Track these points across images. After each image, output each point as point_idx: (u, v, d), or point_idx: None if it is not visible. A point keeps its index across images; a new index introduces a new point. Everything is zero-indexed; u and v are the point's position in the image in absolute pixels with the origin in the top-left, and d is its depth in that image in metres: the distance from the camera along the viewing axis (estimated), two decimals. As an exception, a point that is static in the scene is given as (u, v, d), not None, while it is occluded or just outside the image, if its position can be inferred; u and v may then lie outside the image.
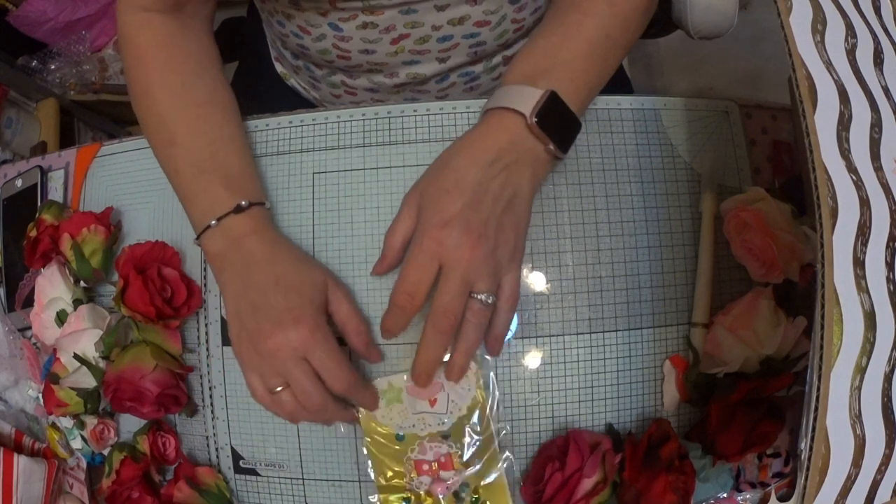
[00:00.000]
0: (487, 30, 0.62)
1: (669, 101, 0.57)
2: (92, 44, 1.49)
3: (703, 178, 0.55)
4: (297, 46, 0.66)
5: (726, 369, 0.50)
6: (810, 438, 0.33)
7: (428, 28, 0.61)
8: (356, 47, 0.62)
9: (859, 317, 0.34)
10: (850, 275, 0.34)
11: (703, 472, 0.50)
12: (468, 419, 0.51)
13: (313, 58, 0.67)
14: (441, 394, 0.51)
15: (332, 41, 0.62)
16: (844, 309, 0.33)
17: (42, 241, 0.59)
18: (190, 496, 0.54)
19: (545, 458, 0.50)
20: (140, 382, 0.52)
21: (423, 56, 0.64)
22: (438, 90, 0.69)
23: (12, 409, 0.63)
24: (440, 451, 0.51)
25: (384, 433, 0.52)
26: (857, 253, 0.34)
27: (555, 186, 0.54)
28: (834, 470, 0.33)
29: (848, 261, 0.34)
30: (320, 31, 0.61)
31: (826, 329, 0.33)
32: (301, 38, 0.64)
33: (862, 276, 0.34)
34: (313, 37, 0.63)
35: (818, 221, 0.33)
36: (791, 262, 0.51)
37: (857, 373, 0.34)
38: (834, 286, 0.33)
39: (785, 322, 0.50)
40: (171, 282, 0.55)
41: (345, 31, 0.61)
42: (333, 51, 0.64)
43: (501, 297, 0.48)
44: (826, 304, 0.33)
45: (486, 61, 0.68)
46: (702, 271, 0.53)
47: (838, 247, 0.33)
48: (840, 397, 0.33)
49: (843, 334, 0.33)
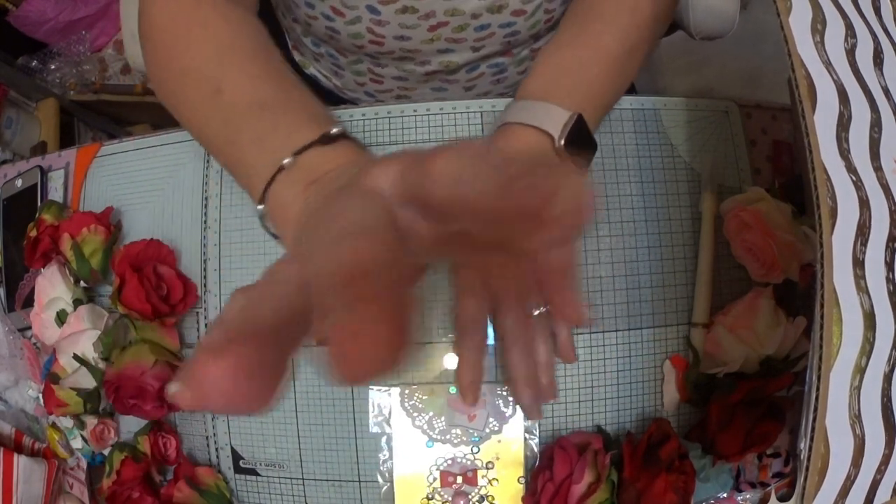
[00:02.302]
0: (523, 19, 0.61)
1: (669, 101, 0.57)
2: (92, 44, 1.49)
3: (703, 178, 0.55)
4: (325, 30, 0.63)
5: (726, 369, 0.50)
6: (810, 438, 0.33)
7: (468, 16, 0.60)
8: (392, 33, 0.61)
9: (859, 317, 0.34)
10: (849, 275, 0.34)
11: (703, 472, 0.50)
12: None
13: (342, 42, 0.64)
14: (481, 411, 0.52)
15: (366, 24, 0.60)
16: (844, 309, 0.33)
17: (42, 241, 0.59)
18: (190, 496, 0.54)
19: (537, 469, 0.50)
20: (141, 378, 0.52)
21: (458, 45, 0.63)
22: (467, 80, 0.69)
23: (12, 409, 0.63)
24: (467, 466, 0.52)
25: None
26: (856, 253, 0.34)
27: (555, 186, 0.54)
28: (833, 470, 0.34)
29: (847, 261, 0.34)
30: (356, 14, 0.59)
31: (825, 329, 0.33)
32: (332, 21, 0.61)
33: (861, 277, 0.34)
34: (347, 19, 0.60)
35: (818, 222, 0.33)
36: (791, 262, 0.51)
37: (857, 373, 0.34)
38: (833, 286, 0.33)
39: (785, 322, 0.50)
40: (167, 279, 0.55)
41: (382, 15, 0.59)
42: (367, 35, 0.62)
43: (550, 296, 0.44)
44: (825, 305, 0.33)
45: (515, 53, 0.67)
46: (702, 271, 0.53)
47: (837, 247, 0.33)
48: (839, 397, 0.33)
49: (843, 334, 0.33)
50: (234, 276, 0.56)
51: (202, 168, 0.59)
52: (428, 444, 0.52)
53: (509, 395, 0.52)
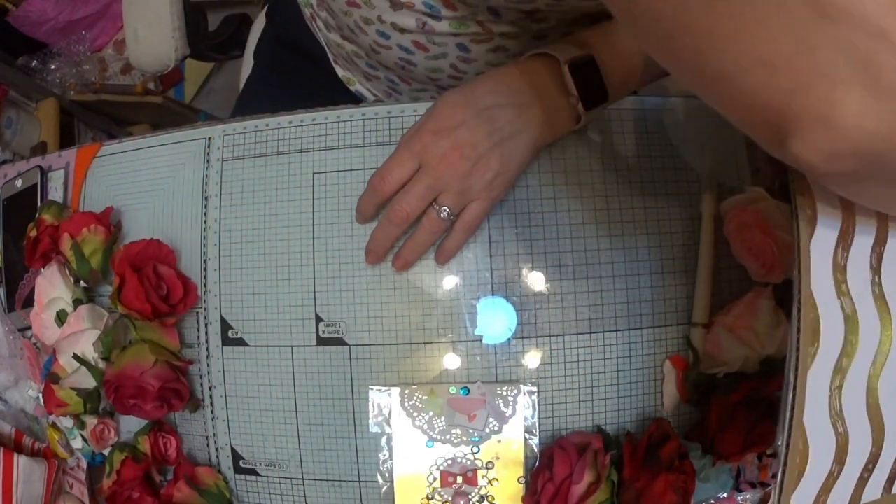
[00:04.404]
0: None
1: (669, 101, 0.57)
2: (92, 44, 1.49)
3: (703, 178, 0.55)
4: (398, 60, 0.61)
5: (726, 369, 0.50)
6: (787, 435, 0.34)
7: None
8: (475, 70, 0.60)
9: (839, 320, 0.34)
10: (828, 280, 0.34)
11: (703, 472, 0.50)
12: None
13: (414, 74, 0.63)
14: (481, 411, 0.52)
15: (452, 61, 0.59)
16: (822, 313, 0.34)
17: (42, 241, 0.59)
18: (190, 496, 0.54)
19: (537, 470, 0.50)
20: (141, 378, 0.52)
21: None
22: None
23: (12, 409, 0.63)
24: (467, 466, 0.52)
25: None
26: (837, 259, 0.35)
27: (555, 186, 0.54)
28: (813, 465, 0.34)
29: (827, 267, 0.34)
30: (442, 51, 0.58)
31: (802, 333, 0.34)
32: (411, 54, 0.59)
33: (843, 281, 0.35)
34: (430, 54, 0.59)
35: (795, 231, 0.34)
36: (791, 262, 0.51)
37: (837, 373, 0.34)
38: (811, 292, 0.34)
39: (785, 322, 0.50)
40: (167, 279, 0.55)
41: (472, 53, 0.58)
42: (448, 70, 0.61)
43: (460, 218, 0.50)
44: (802, 310, 0.33)
45: None
46: (702, 271, 0.53)
47: (816, 254, 0.34)
48: (818, 396, 0.34)
49: (822, 337, 0.34)
50: (234, 276, 0.56)
51: (202, 168, 0.59)
52: (428, 444, 0.52)
53: (509, 395, 0.52)
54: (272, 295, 0.55)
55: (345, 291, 0.54)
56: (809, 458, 0.34)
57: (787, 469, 0.34)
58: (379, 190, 0.50)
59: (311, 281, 0.55)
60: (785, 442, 0.34)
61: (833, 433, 0.35)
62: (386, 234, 0.51)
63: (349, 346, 0.54)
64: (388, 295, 0.54)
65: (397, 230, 0.51)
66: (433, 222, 0.50)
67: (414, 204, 0.49)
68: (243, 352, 0.56)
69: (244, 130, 0.58)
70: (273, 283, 0.55)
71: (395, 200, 0.50)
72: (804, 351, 0.33)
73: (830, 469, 0.35)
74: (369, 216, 0.53)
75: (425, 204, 0.49)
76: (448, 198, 0.49)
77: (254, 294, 0.56)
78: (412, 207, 0.49)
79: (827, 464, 0.35)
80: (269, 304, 0.55)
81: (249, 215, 0.57)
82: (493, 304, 0.53)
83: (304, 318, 0.55)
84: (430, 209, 0.49)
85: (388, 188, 0.50)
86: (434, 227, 0.50)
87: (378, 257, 0.53)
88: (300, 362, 0.55)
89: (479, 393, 0.52)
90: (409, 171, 0.49)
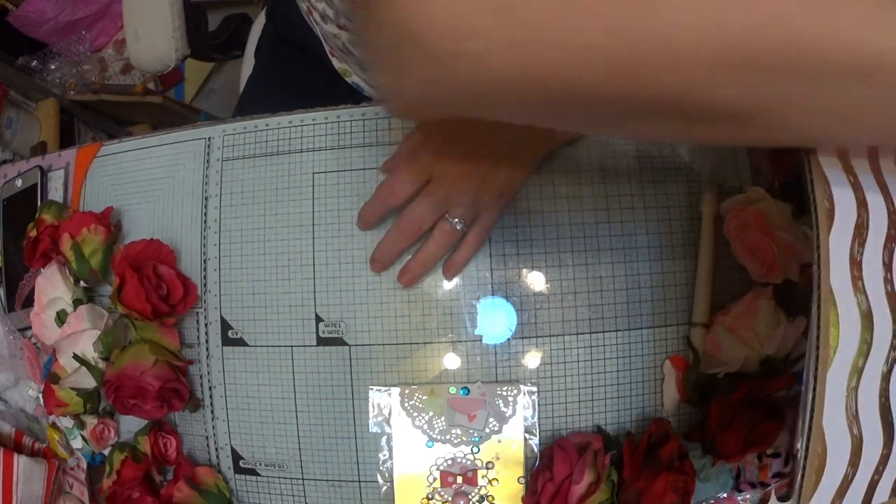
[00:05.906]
0: None
1: (669, 101, 0.57)
2: (92, 44, 1.49)
3: (703, 178, 0.55)
4: None
5: (726, 369, 0.50)
6: (806, 439, 0.33)
7: None
8: None
9: (856, 318, 0.34)
10: (846, 276, 0.34)
11: (703, 472, 0.50)
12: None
13: None
14: (481, 411, 0.52)
15: None
16: (841, 310, 0.33)
17: (42, 241, 0.59)
18: (190, 496, 0.54)
19: (537, 470, 0.50)
20: (141, 378, 0.52)
21: None
22: None
23: (12, 409, 0.63)
24: (467, 466, 0.52)
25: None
26: (853, 254, 0.34)
27: (555, 186, 0.54)
28: (830, 469, 0.34)
29: (844, 262, 0.34)
30: None
31: (822, 330, 0.33)
32: None
33: (859, 277, 0.34)
34: None
35: (815, 222, 0.33)
36: (791, 262, 0.51)
37: (854, 373, 0.34)
38: (830, 287, 0.33)
39: (785, 322, 0.50)
40: (167, 279, 0.55)
41: None
42: None
43: (472, 230, 0.50)
44: (822, 305, 0.33)
45: None
46: (702, 271, 0.53)
47: (834, 248, 0.33)
48: (836, 397, 0.33)
49: (840, 335, 0.33)
50: (234, 276, 0.56)
51: (202, 168, 0.59)
52: (428, 444, 0.52)
53: (509, 395, 0.52)
54: (272, 295, 0.55)
55: (345, 291, 0.54)
56: (827, 463, 0.34)
57: (805, 474, 0.33)
58: (387, 201, 0.50)
59: (311, 281, 0.55)
60: (804, 445, 0.33)
61: (849, 435, 0.34)
62: (395, 244, 0.51)
63: (349, 346, 0.54)
64: (388, 295, 0.54)
65: (407, 241, 0.51)
66: (445, 234, 0.50)
67: (427, 216, 0.49)
68: (243, 352, 0.56)
69: (244, 130, 0.58)
70: (273, 283, 0.55)
71: (407, 211, 0.50)
72: (824, 351, 0.33)
73: (845, 473, 0.34)
74: (373, 225, 0.53)
75: (437, 216, 0.49)
76: (460, 210, 0.49)
77: (254, 294, 0.56)
78: (425, 219, 0.49)
79: (842, 467, 0.34)
80: (269, 304, 0.55)
81: (249, 215, 0.57)
82: (493, 303, 0.53)
83: (304, 318, 0.55)
84: (442, 221, 0.50)
85: (397, 200, 0.50)
86: (446, 239, 0.50)
87: (384, 266, 0.53)
88: (300, 362, 0.55)
89: (479, 393, 0.52)
90: (420, 183, 0.49)
